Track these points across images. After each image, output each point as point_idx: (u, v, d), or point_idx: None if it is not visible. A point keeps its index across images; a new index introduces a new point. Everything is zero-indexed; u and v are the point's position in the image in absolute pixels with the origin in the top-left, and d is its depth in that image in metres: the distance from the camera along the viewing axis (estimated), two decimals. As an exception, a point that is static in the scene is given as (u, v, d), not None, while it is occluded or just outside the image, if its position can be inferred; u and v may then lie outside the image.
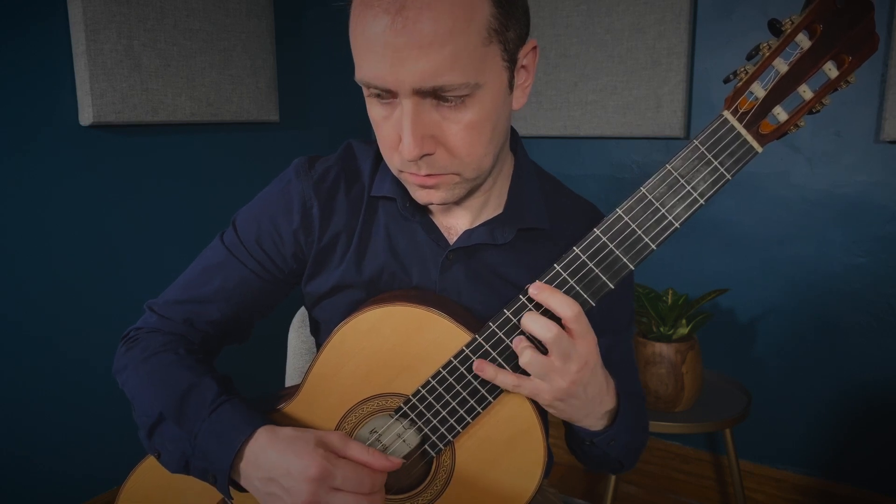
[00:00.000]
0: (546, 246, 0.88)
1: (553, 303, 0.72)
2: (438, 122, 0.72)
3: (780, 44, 0.68)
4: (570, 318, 0.72)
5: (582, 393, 0.75)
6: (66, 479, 1.82)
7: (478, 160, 0.76)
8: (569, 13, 2.17)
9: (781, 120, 0.70)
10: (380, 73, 0.69)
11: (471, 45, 0.68)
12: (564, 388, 0.74)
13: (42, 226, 1.71)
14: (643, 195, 0.72)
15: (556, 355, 0.72)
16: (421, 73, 0.67)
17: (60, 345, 1.78)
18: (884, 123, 1.76)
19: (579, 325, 0.72)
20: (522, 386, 0.75)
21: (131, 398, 0.85)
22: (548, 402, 0.76)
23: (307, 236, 0.88)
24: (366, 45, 0.69)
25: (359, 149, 0.92)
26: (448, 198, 0.79)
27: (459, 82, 0.69)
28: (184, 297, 0.90)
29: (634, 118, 2.11)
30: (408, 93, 0.69)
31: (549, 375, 0.73)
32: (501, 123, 0.78)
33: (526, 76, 0.80)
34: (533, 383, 0.75)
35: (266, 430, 0.76)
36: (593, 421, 0.81)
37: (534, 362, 0.73)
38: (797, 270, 1.97)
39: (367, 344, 0.79)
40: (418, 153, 0.72)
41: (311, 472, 0.71)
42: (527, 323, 0.73)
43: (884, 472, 1.93)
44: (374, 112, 0.76)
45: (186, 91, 1.92)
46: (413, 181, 0.78)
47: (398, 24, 0.66)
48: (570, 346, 0.72)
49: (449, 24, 0.66)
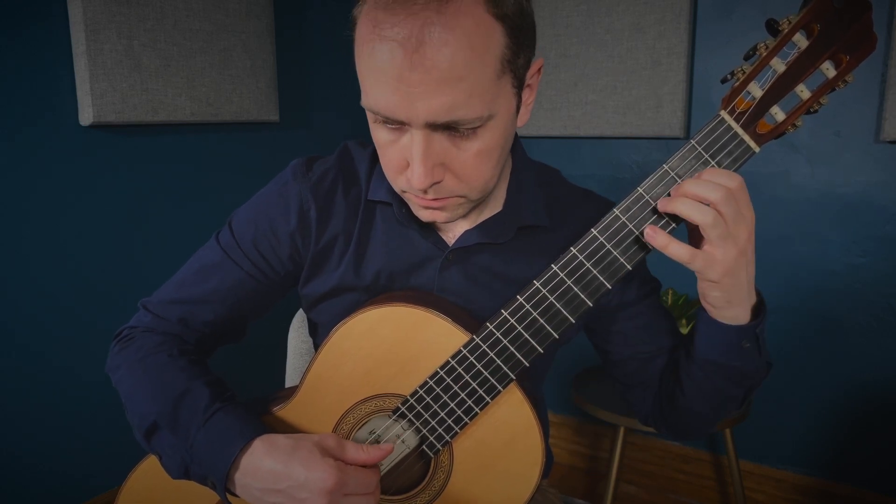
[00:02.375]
0: (546, 242, 0.87)
1: (709, 180, 0.68)
2: (448, 150, 0.72)
3: (777, 43, 0.68)
4: (736, 187, 0.68)
5: (745, 269, 0.71)
6: (66, 480, 1.82)
7: (485, 183, 0.76)
8: (569, 13, 2.17)
9: (779, 120, 0.70)
10: (391, 106, 0.68)
11: (485, 78, 0.67)
12: (734, 256, 0.69)
13: (42, 226, 1.71)
14: (640, 195, 0.72)
15: (729, 217, 0.67)
16: (436, 108, 0.66)
17: (60, 344, 1.78)
18: (884, 123, 1.76)
19: (744, 194, 0.69)
20: (697, 257, 0.70)
21: (124, 399, 0.85)
22: (719, 276, 0.70)
23: (304, 238, 0.87)
24: (378, 76, 0.67)
25: (355, 151, 0.91)
26: (452, 217, 0.79)
27: (474, 116, 0.68)
28: (178, 296, 0.89)
29: (634, 118, 2.11)
30: (420, 126, 0.68)
31: (724, 240, 0.68)
32: (508, 144, 0.78)
33: (530, 94, 0.79)
34: (705, 254, 0.70)
35: (261, 440, 0.76)
36: (745, 310, 0.76)
37: (717, 222, 0.67)
38: (797, 270, 1.97)
39: (366, 344, 0.79)
40: (429, 182, 0.71)
41: (328, 484, 0.72)
42: (691, 187, 0.68)
43: (884, 472, 1.93)
44: (380, 136, 0.74)
45: (186, 91, 1.92)
46: (418, 203, 0.77)
47: (415, 62, 0.64)
48: (739, 210, 0.68)
49: (465, 61, 0.65)
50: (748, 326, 0.76)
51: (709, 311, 0.77)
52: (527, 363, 0.76)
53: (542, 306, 0.75)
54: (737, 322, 0.76)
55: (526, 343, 0.76)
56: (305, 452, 0.74)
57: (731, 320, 0.76)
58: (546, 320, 0.75)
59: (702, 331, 0.80)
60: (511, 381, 0.77)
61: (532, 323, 0.75)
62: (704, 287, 0.74)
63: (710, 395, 0.84)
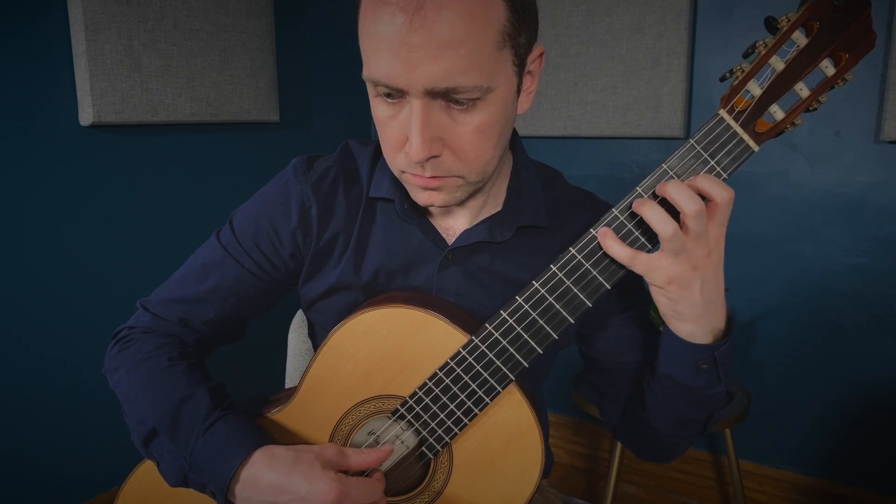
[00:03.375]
0: (546, 243, 0.87)
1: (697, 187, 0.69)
2: (447, 124, 0.72)
3: (776, 41, 0.68)
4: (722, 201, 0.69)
5: (698, 285, 0.72)
6: (66, 480, 1.82)
7: (483, 163, 0.76)
8: (569, 13, 2.17)
9: (778, 118, 0.70)
10: (391, 72, 0.68)
11: (485, 47, 0.68)
12: (684, 269, 0.71)
13: (42, 226, 1.71)
14: (639, 195, 0.72)
15: (693, 233, 0.69)
16: (434, 73, 0.67)
17: (60, 344, 1.78)
18: (884, 123, 1.76)
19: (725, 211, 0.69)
20: (638, 259, 0.72)
21: (123, 401, 0.85)
22: (663, 282, 0.72)
23: (305, 237, 0.87)
24: (378, 42, 0.68)
25: (356, 149, 0.91)
26: (449, 200, 0.79)
27: (472, 85, 0.68)
28: (178, 295, 0.89)
29: (634, 118, 2.10)
30: (419, 93, 0.69)
31: (676, 253, 0.70)
32: (508, 127, 0.78)
33: (531, 81, 0.79)
34: (647, 258, 0.71)
35: (262, 451, 0.76)
36: (703, 329, 0.76)
37: (675, 236, 0.69)
38: (797, 270, 1.97)
39: (365, 346, 0.79)
40: (426, 154, 0.71)
41: (329, 497, 0.72)
42: (672, 190, 0.69)
43: (884, 472, 1.93)
44: (380, 111, 0.75)
45: (186, 91, 1.92)
46: (416, 182, 0.77)
47: (415, 24, 0.65)
48: (704, 225, 0.69)
49: (465, 26, 0.66)
50: (704, 347, 0.76)
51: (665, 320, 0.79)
52: (526, 364, 0.76)
53: (542, 307, 0.75)
54: (693, 339, 0.76)
55: (525, 344, 0.76)
56: (306, 465, 0.74)
57: (688, 336, 0.77)
58: (545, 321, 0.75)
59: (663, 342, 0.80)
60: (510, 381, 0.77)
61: (531, 324, 0.75)
62: (652, 291, 0.76)
63: (667, 412, 0.84)
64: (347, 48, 2.41)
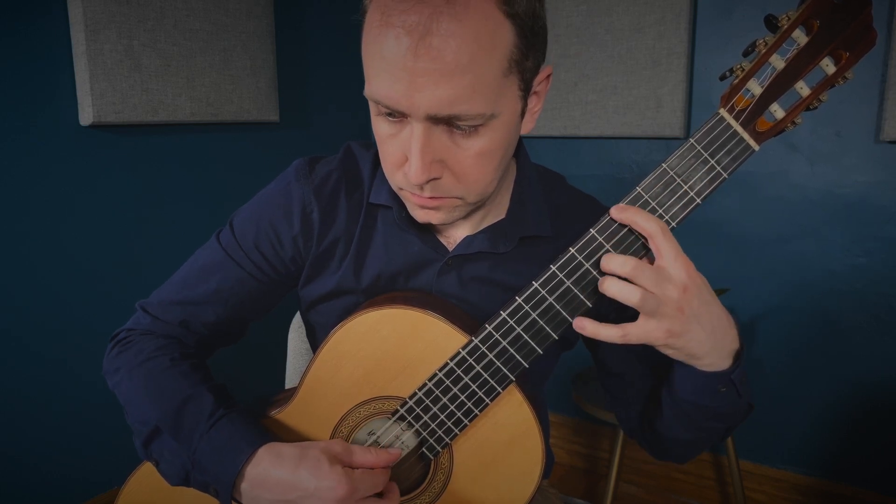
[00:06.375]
0: (548, 252, 0.86)
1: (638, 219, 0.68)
2: (448, 147, 0.71)
3: (776, 40, 0.67)
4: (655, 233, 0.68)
5: (695, 323, 0.69)
6: (66, 480, 1.81)
7: (484, 186, 0.75)
8: (569, 13, 2.16)
9: (778, 117, 0.70)
10: (394, 95, 0.67)
11: (491, 75, 0.67)
12: (672, 321, 0.68)
13: (42, 226, 1.71)
14: (639, 195, 0.71)
15: (650, 286, 0.67)
16: (438, 100, 0.65)
17: (60, 344, 1.78)
18: (884, 123, 1.76)
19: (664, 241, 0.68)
20: (630, 332, 0.69)
21: (124, 403, 0.84)
22: (663, 341, 0.69)
23: (306, 241, 0.87)
24: (382, 64, 0.66)
25: (359, 152, 0.90)
26: (447, 219, 0.78)
27: (476, 113, 0.67)
28: (178, 297, 0.89)
29: (634, 118, 2.10)
30: (421, 118, 0.68)
31: (654, 311, 0.68)
32: (510, 149, 0.77)
33: (536, 101, 0.78)
34: (636, 326, 0.69)
35: (267, 449, 0.75)
36: (720, 358, 0.73)
37: (645, 297, 0.67)
38: (797, 270, 1.97)
39: (364, 346, 0.79)
40: (426, 178, 0.70)
41: (339, 492, 0.72)
42: (605, 262, 0.69)
43: (884, 472, 1.93)
44: (381, 129, 0.74)
45: (186, 91, 1.92)
46: (414, 201, 0.76)
47: (420, 50, 0.63)
48: (655, 272, 0.67)
49: (471, 54, 0.64)
50: (722, 373, 0.74)
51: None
52: (526, 365, 0.76)
53: (542, 307, 0.74)
54: (713, 369, 0.74)
55: (525, 345, 0.75)
56: (313, 461, 0.73)
57: (707, 367, 0.74)
58: (545, 321, 0.75)
59: (677, 370, 0.78)
60: (510, 382, 0.77)
61: (531, 324, 0.75)
62: (660, 349, 0.73)
63: (687, 426, 0.83)
64: (347, 48, 2.41)
